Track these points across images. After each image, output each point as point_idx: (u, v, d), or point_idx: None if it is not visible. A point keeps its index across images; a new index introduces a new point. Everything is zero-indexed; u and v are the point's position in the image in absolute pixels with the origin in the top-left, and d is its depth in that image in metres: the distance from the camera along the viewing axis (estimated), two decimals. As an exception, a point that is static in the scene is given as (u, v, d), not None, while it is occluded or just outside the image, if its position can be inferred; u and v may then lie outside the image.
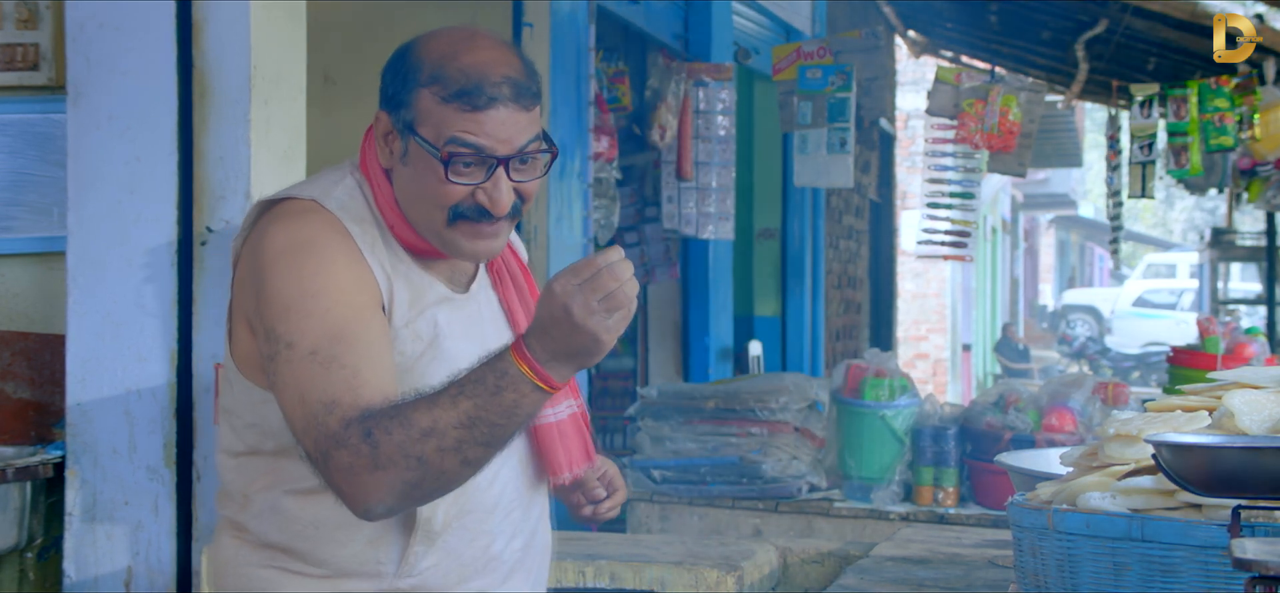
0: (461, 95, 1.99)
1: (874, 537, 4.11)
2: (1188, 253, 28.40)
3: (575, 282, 1.83)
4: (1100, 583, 2.21)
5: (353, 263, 2.01)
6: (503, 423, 1.86)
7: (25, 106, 3.71)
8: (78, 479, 3.44)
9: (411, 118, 2.03)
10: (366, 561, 2.06)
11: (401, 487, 1.86)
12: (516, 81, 2.02)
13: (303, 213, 2.04)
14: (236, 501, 2.13)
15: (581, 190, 5.56)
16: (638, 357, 7.48)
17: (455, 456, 1.85)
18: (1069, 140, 17.54)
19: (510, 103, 2.01)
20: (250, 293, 2.03)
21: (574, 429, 2.23)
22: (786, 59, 7.43)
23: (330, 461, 1.87)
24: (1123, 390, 4.49)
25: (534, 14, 5.19)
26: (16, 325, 3.75)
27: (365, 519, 1.93)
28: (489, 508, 2.13)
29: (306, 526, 2.06)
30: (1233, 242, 12.43)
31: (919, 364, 16.70)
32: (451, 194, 2.02)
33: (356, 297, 1.99)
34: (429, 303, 2.08)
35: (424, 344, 2.06)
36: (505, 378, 1.85)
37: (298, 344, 1.93)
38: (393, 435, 1.84)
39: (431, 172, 2.02)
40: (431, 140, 2.01)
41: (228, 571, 2.13)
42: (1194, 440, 2.05)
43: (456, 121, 2.00)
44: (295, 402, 1.92)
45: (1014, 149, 6.97)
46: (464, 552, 2.11)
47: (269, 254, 2.00)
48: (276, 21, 3.46)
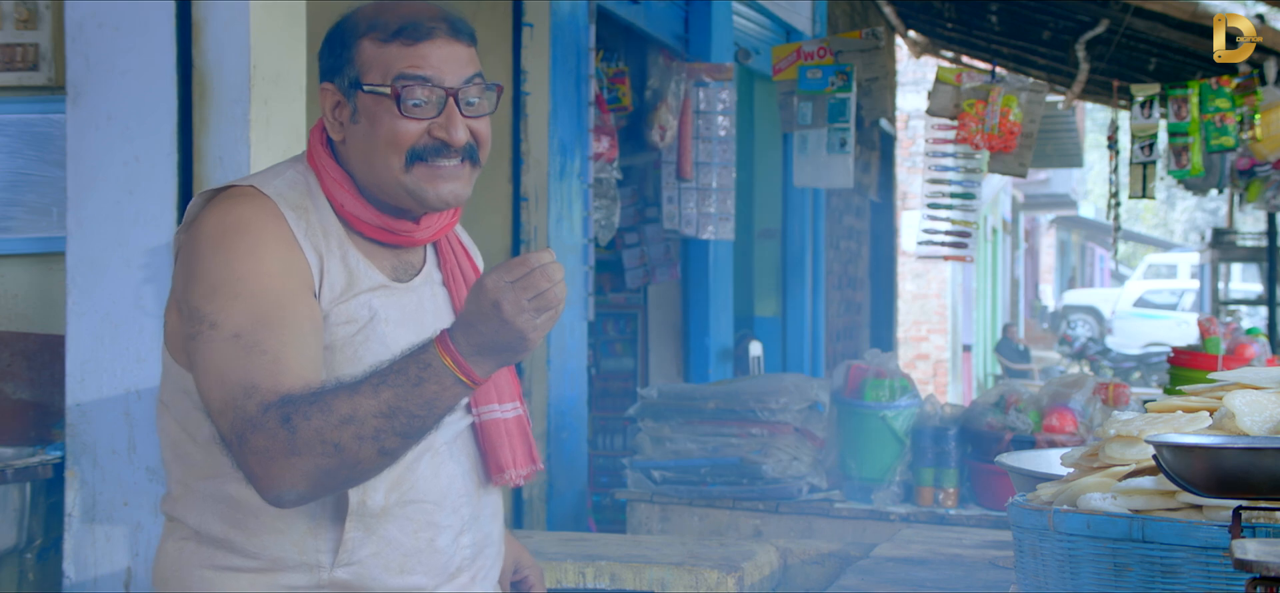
0: (401, 32, 2.06)
1: (874, 538, 4.11)
2: (1189, 253, 28.42)
3: (507, 279, 1.85)
4: (1101, 584, 2.21)
5: (284, 246, 2.02)
6: (422, 414, 1.88)
7: (25, 106, 3.71)
8: (77, 480, 3.44)
9: (356, 73, 2.08)
10: (305, 550, 2.05)
11: (316, 473, 1.87)
12: (450, 18, 2.10)
13: (239, 198, 2.05)
14: (175, 494, 2.13)
15: (582, 191, 5.55)
16: (638, 357, 7.48)
17: (373, 444, 1.87)
18: (1070, 141, 17.55)
19: (448, 35, 2.07)
20: (183, 274, 2.05)
21: (520, 431, 2.24)
22: (787, 59, 7.43)
23: (246, 443, 1.89)
24: (1123, 391, 4.48)
25: (534, 14, 5.19)
26: (16, 326, 3.75)
27: (276, 506, 1.94)
28: (434, 500, 2.12)
29: (246, 514, 2.05)
30: (1234, 242, 12.44)
31: (919, 365, 16.70)
32: (406, 133, 2.05)
33: (285, 282, 2.00)
34: (364, 288, 2.09)
35: (357, 328, 2.06)
36: (428, 370, 1.88)
37: (221, 325, 1.94)
38: (311, 421, 1.86)
39: (385, 114, 2.06)
40: (379, 83, 2.05)
41: (170, 571, 2.13)
42: (1195, 441, 2.05)
43: (401, 57, 2.05)
44: (215, 383, 1.94)
45: (1014, 149, 6.96)
46: (405, 542, 2.09)
47: (201, 236, 2.02)
48: (276, 21, 3.46)
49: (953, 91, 7.09)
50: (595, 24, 5.61)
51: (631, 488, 4.59)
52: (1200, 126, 7.06)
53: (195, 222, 2.05)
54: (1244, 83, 6.95)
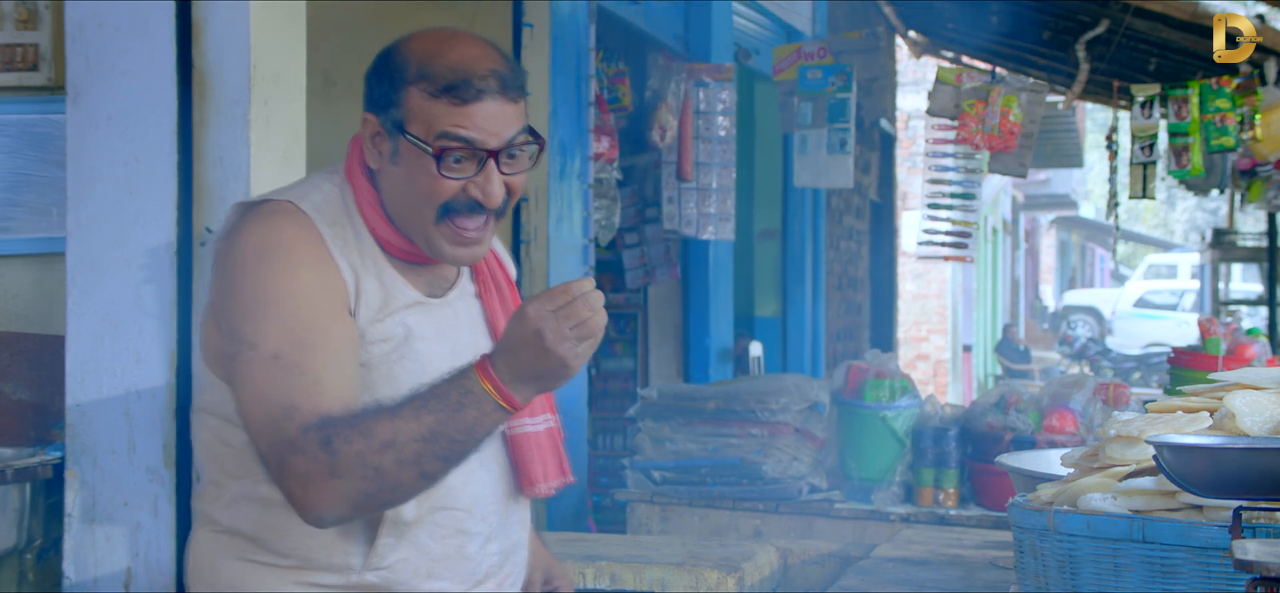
0: (450, 90, 2.02)
1: (874, 538, 4.11)
2: (1189, 254, 28.41)
3: (550, 307, 1.86)
4: (1101, 584, 2.21)
5: (320, 265, 2.02)
6: (462, 439, 1.90)
7: (25, 107, 3.71)
8: (77, 480, 3.44)
9: (400, 117, 2.05)
10: (335, 552, 2.07)
11: (356, 496, 1.89)
12: (502, 74, 2.05)
13: (276, 214, 2.05)
14: (210, 493, 2.15)
15: (582, 191, 5.55)
16: (638, 357, 7.48)
17: (413, 468, 1.89)
18: (1070, 141, 17.54)
19: (497, 95, 2.04)
20: (219, 291, 2.05)
21: (551, 443, 2.25)
22: (787, 60, 7.43)
23: (286, 466, 1.90)
24: (1124, 391, 4.48)
25: (534, 14, 5.19)
26: (16, 326, 3.75)
27: (315, 526, 1.95)
28: (465, 507, 2.13)
29: (277, 515, 2.06)
30: (1234, 242, 12.43)
31: (920, 365, 16.70)
32: (443, 189, 2.04)
33: (322, 301, 2.00)
34: (399, 306, 2.09)
35: (393, 346, 2.07)
36: (468, 396, 1.89)
37: (261, 346, 1.95)
38: (352, 445, 1.87)
39: (422, 168, 2.04)
40: (422, 137, 2.03)
41: (203, 565, 2.15)
42: (1195, 442, 2.05)
43: (446, 116, 2.02)
44: (254, 402, 1.94)
45: (1015, 150, 6.96)
46: (434, 548, 2.11)
47: (239, 253, 2.02)
48: (276, 21, 3.46)
49: (953, 92, 7.08)
50: (595, 24, 5.61)
51: (631, 488, 4.59)
52: (1200, 127, 7.05)
53: (232, 235, 2.05)
54: (1244, 83, 6.94)
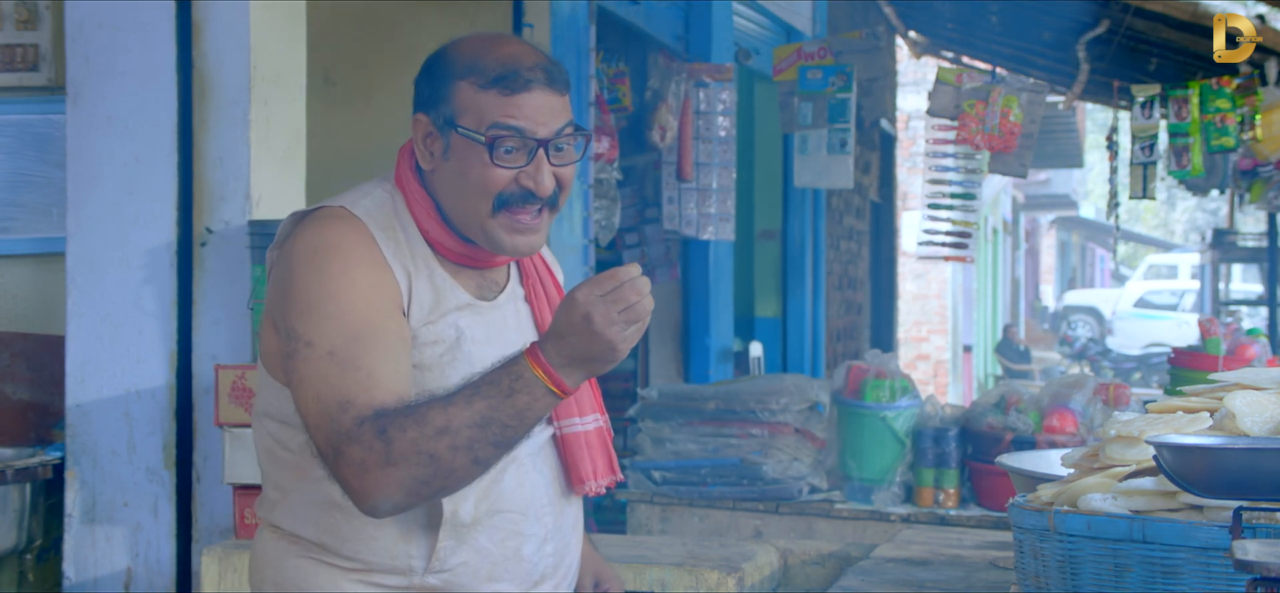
0: (499, 81, 2.10)
1: (875, 538, 4.11)
2: (1189, 254, 28.41)
3: (598, 292, 1.93)
4: (1101, 585, 2.21)
5: (375, 266, 2.09)
6: (514, 424, 1.96)
7: (25, 107, 3.71)
8: (77, 481, 3.44)
9: (451, 112, 2.12)
10: (397, 556, 2.12)
11: (411, 483, 1.94)
12: (548, 68, 2.14)
13: (330, 218, 2.12)
14: (271, 500, 2.20)
15: (582, 191, 5.55)
16: (638, 358, 7.47)
17: (467, 454, 1.94)
18: (1070, 141, 17.55)
19: (545, 86, 2.12)
20: (275, 293, 2.12)
21: (600, 442, 2.31)
22: (787, 60, 7.43)
23: (341, 456, 1.95)
24: (1124, 392, 4.48)
25: (534, 14, 5.19)
26: (16, 326, 3.75)
27: (371, 515, 2.01)
28: (520, 509, 2.18)
29: (339, 519, 2.12)
30: (1234, 243, 12.43)
31: (920, 365, 16.70)
32: (496, 180, 2.10)
33: (376, 300, 2.06)
34: (451, 308, 2.15)
35: (445, 347, 2.12)
36: (519, 381, 1.95)
37: (317, 343, 2.01)
38: (407, 433, 1.93)
39: (476, 159, 2.10)
40: (474, 128, 2.10)
41: (267, 563, 2.20)
42: (1195, 442, 2.05)
43: (497, 107, 2.09)
44: (311, 399, 2.00)
45: (1015, 150, 6.96)
46: (494, 551, 2.16)
47: (295, 256, 2.09)
48: (276, 21, 3.46)
49: (953, 92, 7.08)
50: (595, 24, 5.61)
51: (632, 489, 4.59)
52: (1201, 127, 7.05)
53: (288, 242, 2.12)
54: (1245, 83, 6.94)
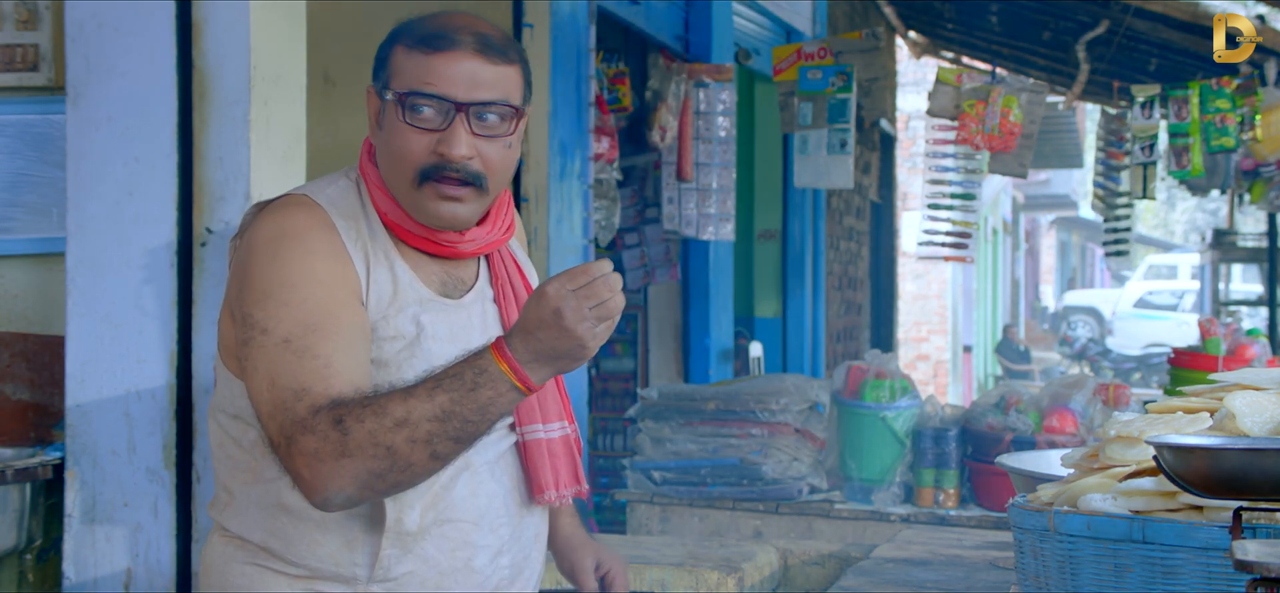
0: (424, 40, 2.03)
1: (874, 538, 4.11)
2: (1189, 254, 28.41)
3: (569, 287, 1.86)
4: (1101, 585, 2.21)
5: (334, 255, 2.02)
6: (475, 420, 1.89)
7: (25, 107, 3.71)
8: (77, 481, 3.43)
9: (387, 76, 2.07)
10: (341, 563, 2.06)
11: (366, 476, 1.88)
12: (483, 35, 2.05)
13: (291, 205, 2.06)
14: (221, 501, 2.15)
15: (582, 191, 5.55)
16: (638, 358, 7.47)
17: (425, 448, 1.87)
18: (1070, 141, 17.55)
19: (471, 50, 2.03)
20: (235, 282, 2.06)
21: (565, 451, 2.22)
22: (787, 60, 7.43)
23: (294, 445, 1.89)
24: (1124, 392, 4.48)
25: (534, 14, 5.19)
26: (16, 327, 3.74)
27: (322, 508, 1.94)
28: (472, 519, 2.11)
29: (285, 523, 2.06)
30: (1234, 243, 12.42)
31: (920, 365, 16.70)
32: (413, 145, 2.03)
33: (335, 289, 2.00)
34: (411, 301, 2.08)
35: (404, 343, 2.05)
36: (483, 375, 1.88)
37: (272, 331, 1.95)
38: (365, 423, 1.86)
39: (397, 124, 2.04)
40: (400, 90, 2.04)
41: (213, 568, 2.15)
42: (1195, 442, 2.05)
43: (419, 66, 2.03)
44: (265, 386, 1.94)
45: (1015, 150, 6.97)
46: (442, 561, 2.09)
47: (255, 243, 2.02)
48: (276, 22, 3.46)
49: (953, 92, 7.09)
50: (595, 24, 5.61)
51: (631, 489, 4.59)
52: (1201, 127, 7.06)
53: (248, 230, 2.06)
54: (1244, 83, 6.95)
